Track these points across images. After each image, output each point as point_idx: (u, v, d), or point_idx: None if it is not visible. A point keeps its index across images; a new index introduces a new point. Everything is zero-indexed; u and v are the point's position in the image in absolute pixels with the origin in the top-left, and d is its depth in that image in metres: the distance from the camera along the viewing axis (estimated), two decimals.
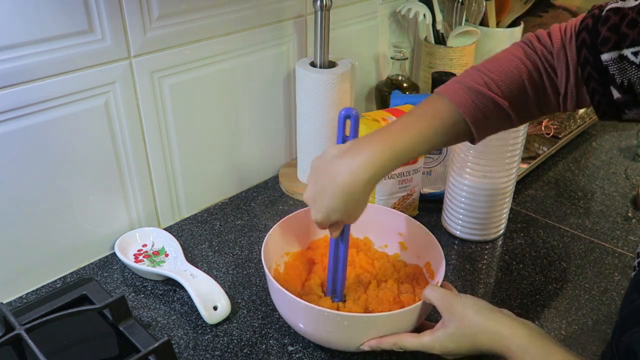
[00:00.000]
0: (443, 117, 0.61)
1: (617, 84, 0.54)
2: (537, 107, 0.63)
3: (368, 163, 0.59)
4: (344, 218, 0.63)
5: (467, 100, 0.60)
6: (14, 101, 0.69)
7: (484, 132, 0.63)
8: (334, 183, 0.60)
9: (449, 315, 0.63)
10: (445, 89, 0.62)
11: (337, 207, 0.61)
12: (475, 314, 0.61)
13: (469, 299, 0.64)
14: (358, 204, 0.62)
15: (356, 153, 0.60)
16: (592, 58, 0.55)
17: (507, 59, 0.62)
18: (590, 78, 0.56)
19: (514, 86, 0.61)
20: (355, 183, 0.60)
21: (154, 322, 0.75)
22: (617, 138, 1.25)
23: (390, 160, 0.60)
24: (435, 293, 0.65)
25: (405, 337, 0.64)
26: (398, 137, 0.61)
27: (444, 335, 0.62)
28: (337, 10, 1.05)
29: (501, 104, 0.61)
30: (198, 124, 0.91)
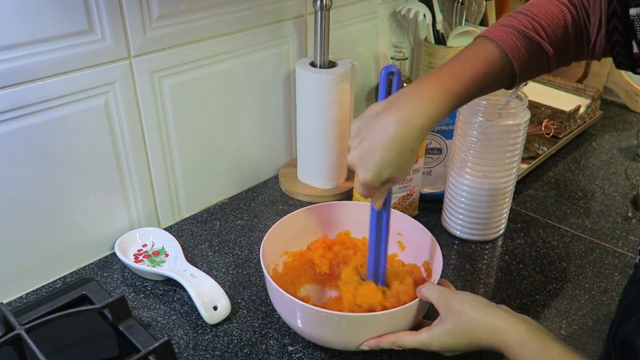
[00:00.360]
0: (494, 61, 0.61)
1: (638, 39, 0.55)
2: (575, 53, 0.65)
3: (422, 110, 0.58)
4: (397, 172, 0.60)
5: (516, 45, 0.61)
6: (14, 101, 0.69)
7: (524, 77, 0.64)
8: (385, 135, 0.58)
9: (446, 312, 0.63)
10: (493, 32, 0.62)
11: (390, 161, 0.59)
12: (472, 310, 0.61)
13: (466, 295, 0.64)
14: (412, 155, 0.60)
15: (408, 101, 0.59)
16: (620, 10, 0.56)
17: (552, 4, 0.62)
18: (615, 30, 0.58)
19: (559, 32, 0.62)
20: (409, 132, 0.58)
21: (154, 322, 0.75)
22: (617, 138, 1.25)
23: (444, 106, 0.59)
24: (432, 290, 0.65)
25: (403, 335, 0.64)
26: (451, 83, 0.60)
27: (442, 331, 0.62)
28: (337, 10, 1.05)
29: (547, 50, 0.62)
30: (198, 124, 0.91)
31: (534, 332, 0.58)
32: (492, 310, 0.61)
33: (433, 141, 0.97)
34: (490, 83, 0.62)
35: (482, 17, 1.27)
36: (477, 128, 0.82)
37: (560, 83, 1.34)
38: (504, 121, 0.81)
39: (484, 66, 0.61)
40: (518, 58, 0.61)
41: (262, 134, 1.03)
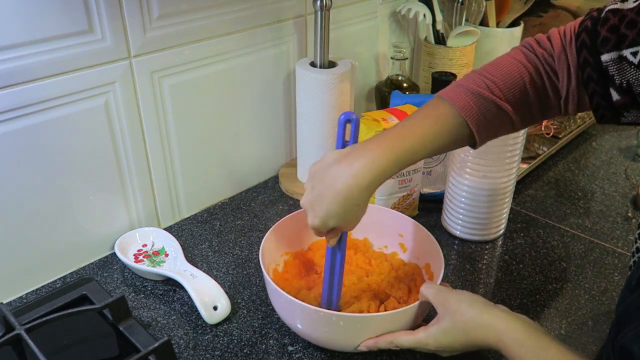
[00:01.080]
0: (445, 121, 0.60)
1: (616, 85, 0.54)
2: (539, 110, 0.63)
3: (368, 167, 0.59)
4: (342, 224, 0.62)
5: (470, 104, 0.60)
6: (14, 101, 0.69)
7: (486, 136, 0.63)
8: (332, 188, 0.60)
9: (443, 310, 0.63)
10: (447, 92, 0.62)
11: (335, 213, 0.60)
12: (469, 308, 0.61)
13: (464, 293, 0.64)
14: (357, 210, 0.61)
15: (356, 158, 0.60)
16: (592, 59, 0.55)
17: (509, 63, 0.61)
18: (590, 79, 0.56)
19: (516, 90, 0.61)
20: (355, 188, 0.59)
21: (154, 322, 0.75)
22: (617, 138, 1.25)
23: (390, 165, 0.59)
24: (430, 289, 0.65)
25: (400, 335, 0.64)
26: (399, 141, 0.60)
27: (438, 330, 0.62)
28: (337, 10, 1.05)
29: (504, 108, 0.61)
30: (198, 124, 0.91)
31: (532, 331, 0.58)
32: (489, 309, 0.61)
33: None
34: (444, 142, 0.62)
35: (482, 17, 1.27)
36: None
37: None
38: None
39: (435, 125, 0.60)
40: (472, 117, 0.60)
41: (262, 134, 1.03)
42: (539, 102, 0.62)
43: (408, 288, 0.75)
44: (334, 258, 0.69)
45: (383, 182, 0.61)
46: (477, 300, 0.62)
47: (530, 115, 0.63)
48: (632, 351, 0.47)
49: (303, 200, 0.64)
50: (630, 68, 0.52)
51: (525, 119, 0.63)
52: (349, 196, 0.59)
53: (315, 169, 0.63)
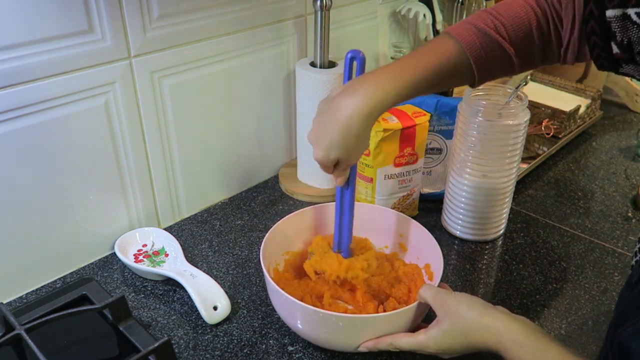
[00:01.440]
0: (448, 56, 0.61)
1: (617, 41, 0.54)
2: (541, 55, 0.64)
3: (368, 96, 0.59)
4: (344, 155, 0.63)
5: (474, 41, 0.61)
6: (13, 101, 0.69)
7: (485, 75, 0.64)
8: (333, 118, 0.61)
9: (442, 312, 0.62)
10: (455, 28, 0.63)
11: (336, 143, 0.61)
12: (468, 310, 0.61)
13: (463, 295, 0.63)
14: (358, 140, 0.62)
15: (357, 88, 0.60)
16: (597, 12, 0.56)
17: (519, 4, 0.62)
18: (592, 32, 0.57)
19: (521, 32, 0.62)
20: (354, 116, 0.59)
21: (154, 322, 0.75)
22: (617, 138, 1.25)
23: (391, 95, 0.60)
24: (429, 291, 0.65)
25: (400, 337, 0.64)
26: (401, 72, 0.61)
27: (438, 332, 0.62)
28: (337, 10, 1.05)
29: (507, 49, 0.62)
30: (198, 124, 0.91)
31: (532, 333, 0.58)
32: (489, 310, 0.61)
33: (433, 141, 0.97)
34: (446, 77, 0.62)
35: None
36: (477, 128, 0.82)
37: (560, 83, 1.34)
38: (504, 121, 0.81)
39: (438, 59, 0.61)
40: (475, 54, 0.61)
41: (262, 134, 1.03)
42: (542, 48, 0.63)
43: (408, 288, 0.75)
44: (342, 199, 0.70)
45: (383, 112, 0.61)
46: (477, 302, 0.62)
47: (531, 59, 0.64)
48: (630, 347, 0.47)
49: (309, 134, 0.65)
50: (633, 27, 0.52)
51: (525, 63, 0.64)
52: (348, 124, 0.60)
53: (321, 105, 0.64)
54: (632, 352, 0.47)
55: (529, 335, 0.57)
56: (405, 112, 0.88)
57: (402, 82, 0.60)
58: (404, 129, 0.86)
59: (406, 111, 0.89)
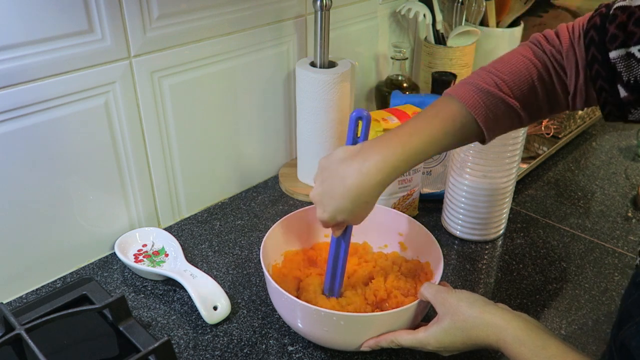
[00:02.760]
0: (454, 119, 0.61)
1: (623, 82, 0.54)
2: (547, 106, 0.64)
3: (379, 166, 0.60)
4: (350, 219, 0.64)
5: (478, 102, 0.61)
6: (13, 101, 0.69)
7: (494, 132, 0.64)
8: (343, 185, 0.61)
9: (443, 309, 0.63)
10: (456, 90, 0.62)
11: (344, 209, 0.62)
12: (469, 307, 0.61)
13: (463, 293, 0.64)
14: (366, 207, 0.63)
15: (367, 156, 0.61)
16: (600, 56, 0.56)
17: (516, 60, 0.62)
18: (597, 76, 0.57)
19: (524, 86, 0.61)
20: (365, 186, 0.61)
21: (154, 322, 0.75)
22: (617, 138, 1.25)
23: (401, 163, 0.61)
24: (429, 289, 0.65)
25: (400, 334, 0.64)
26: (409, 140, 0.61)
27: (438, 329, 0.62)
28: (337, 10, 1.05)
29: (512, 105, 0.61)
30: (198, 124, 0.91)
31: (532, 330, 0.58)
32: (490, 307, 0.61)
33: None
34: (454, 140, 0.63)
35: (482, 17, 1.27)
36: None
37: None
38: None
39: (445, 123, 0.61)
40: (481, 114, 0.61)
41: (262, 134, 1.03)
42: (547, 98, 0.63)
43: (414, 281, 0.75)
44: (338, 248, 0.71)
45: (393, 181, 0.62)
46: (477, 299, 0.62)
47: (538, 111, 0.64)
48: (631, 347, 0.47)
49: (312, 193, 0.66)
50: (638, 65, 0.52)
51: (533, 115, 0.64)
52: (359, 193, 0.61)
53: (326, 163, 0.64)
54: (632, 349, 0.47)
55: (530, 332, 0.57)
56: (405, 112, 0.88)
57: (412, 149, 0.61)
58: None
59: (406, 111, 0.89)
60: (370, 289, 0.73)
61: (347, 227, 0.69)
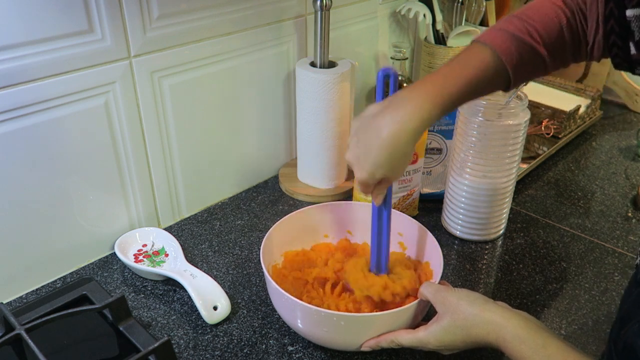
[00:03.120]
0: (486, 65, 0.62)
1: (635, 40, 0.55)
2: (571, 54, 0.65)
3: (414, 113, 0.60)
4: (390, 173, 0.63)
5: (510, 48, 0.62)
6: (13, 101, 0.69)
7: (520, 79, 0.65)
8: (379, 137, 0.61)
9: (442, 308, 0.62)
10: (487, 37, 0.63)
11: (383, 162, 0.61)
12: (469, 305, 0.61)
13: (463, 291, 0.63)
14: (404, 157, 0.62)
15: (400, 105, 0.61)
16: (617, 12, 0.57)
17: (547, 6, 0.64)
18: (612, 31, 0.58)
19: (553, 33, 0.63)
20: (401, 134, 0.60)
21: (154, 322, 0.75)
22: (617, 138, 1.25)
23: (435, 109, 0.61)
24: (429, 288, 0.65)
25: (400, 334, 0.64)
26: (442, 85, 0.61)
27: (438, 328, 0.62)
28: (337, 10, 1.05)
29: (541, 52, 0.63)
30: (198, 124, 0.91)
31: (532, 328, 0.57)
32: (489, 305, 0.61)
33: (433, 141, 0.97)
34: (484, 86, 0.63)
35: (482, 17, 1.27)
36: (477, 128, 0.82)
37: (560, 83, 1.34)
38: (504, 121, 0.81)
39: (477, 69, 0.62)
40: (511, 61, 0.62)
41: (262, 134, 1.03)
42: (572, 47, 0.64)
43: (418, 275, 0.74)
44: (380, 220, 0.70)
45: (427, 128, 0.62)
46: (477, 298, 0.62)
47: (563, 59, 0.65)
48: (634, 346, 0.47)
49: (348, 154, 0.65)
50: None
51: (557, 63, 0.65)
52: (395, 143, 0.60)
53: (358, 123, 0.64)
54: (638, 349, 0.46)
55: (530, 330, 0.57)
56: None
57: (445, 95, 0.61)
58: None
59: None
60: None
61: (387, 194, 0.68)
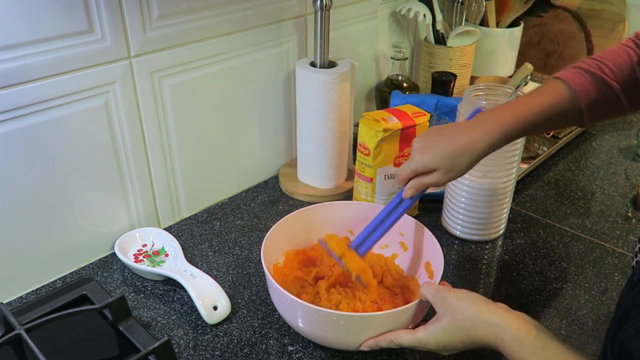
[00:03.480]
0: (561, 95, 0.67)
1: None
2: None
3: (492, 128, 0.67)
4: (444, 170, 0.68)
5: (583, 82, 0.66)
6: (13, 101, 0.69)
7: (594, 114, 0.68)
8: (455, 135, 0.68)
9: (442, 308, 0.63)
10: (561, 73, 0.69)
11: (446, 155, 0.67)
12: (468, 306, 0.61)
13: (463, 292, 0.64)
14: (461, 169, 0.68)
15: (479, 121, 0.68)
16: None
17: (618, 48, 0.69)
18: None
19: (625, 70, 0.67)
20: (475, 143, 0.67)
21: (154, 322, 0.75)
22: (617, 138, 1.25)
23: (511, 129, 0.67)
24: (429, 289, 0.65)
25: (400, 334, 0.64)
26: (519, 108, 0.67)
27: (437, 328, 0.62)
28: (337, 10, 1.05)
29: (613, 86, 0.66)
30: (198, 124, 0.91)
31: (531, 329, 0.57)
32: (489, 307, 0.61)
33: None
34: (556, 118, 0.68)
35: (482, 17, 1.27)
36: None
37: None
38: None
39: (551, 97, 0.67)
40: (583, 94, 0.66)
41: (262, 134, 1.03)
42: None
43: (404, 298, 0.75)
44: (390, 213, 0.73)
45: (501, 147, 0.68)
46: (477, 299, 0.62)
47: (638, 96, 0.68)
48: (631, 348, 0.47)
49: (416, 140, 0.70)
50: None
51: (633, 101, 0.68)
52: (469, 146, 0.67)
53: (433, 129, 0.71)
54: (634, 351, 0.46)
55: (529, 332, 0.57)
56: (405, 112, 0.88)
57: (521, 118, 0.66)
58: (404, 129, 0.86)
59: (406, 111, 0.89)
60: None
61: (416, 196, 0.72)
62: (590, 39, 1.39)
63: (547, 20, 1.43)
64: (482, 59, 1.29)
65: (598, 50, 1.38)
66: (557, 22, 1.42)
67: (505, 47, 1.30)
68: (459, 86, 1.18)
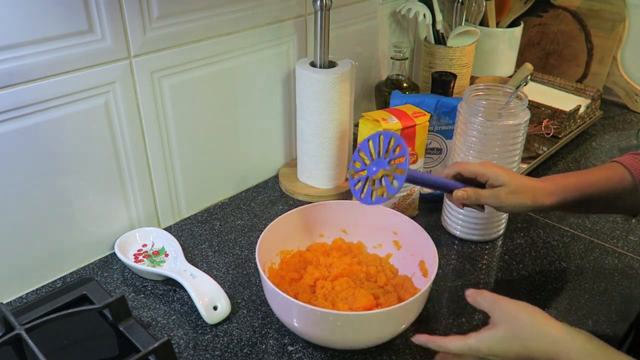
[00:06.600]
0: (622, 176, 0.71)
1: None
2: None
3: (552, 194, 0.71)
4: None
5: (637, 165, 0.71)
6: (13, 101, 0.69)
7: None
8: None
9: (499, 316, 0.60)
10: (623, 158, 0.73)
11: None
12: (529, 317, 0.59)
13: (522, 303, 0.61)
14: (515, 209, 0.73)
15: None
16: None
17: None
18: None
19: None
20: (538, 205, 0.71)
21: (154, 322, 0.75)
22: (617, 138, 1.25)
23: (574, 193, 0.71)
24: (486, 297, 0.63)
25: (450, 340, 0.62)
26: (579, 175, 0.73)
27: (492, 336, 0.60)
28: (337, 10, 1.05)
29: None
30: (198, 124, 0.91)
31: (598, 343, 0.56)
32: (551, 320, 0.59)
33: (433, 141, 0.97)
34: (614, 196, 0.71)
35: (482, 17, 1.27)
36: (477, 128, 0.82)
37: (560, 83, 1.34)
38: (504, 121, 0.81)
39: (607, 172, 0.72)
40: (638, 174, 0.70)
41: (262, 133, 1.03)
42: None
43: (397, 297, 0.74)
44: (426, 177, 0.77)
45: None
46: (538, 311, 0.60)
47: None
48: None
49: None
50: None
51: None
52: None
53: None
54: None
55: (598, 347, 0.55)
56: (405, 112, 0.88)
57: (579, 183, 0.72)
58: (404, 129, 0.86)
59: (406, 111, 0.89)
60: None
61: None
62: (590, 39, 1.39)
63: (547, 20, 1.43)
64: (482, 59, 1.29)
65: (598, 50, 1.38)
66: (557, 22, 1.42)
67: (505, 47, 1.30)
68: (459, 86, 1.18)
